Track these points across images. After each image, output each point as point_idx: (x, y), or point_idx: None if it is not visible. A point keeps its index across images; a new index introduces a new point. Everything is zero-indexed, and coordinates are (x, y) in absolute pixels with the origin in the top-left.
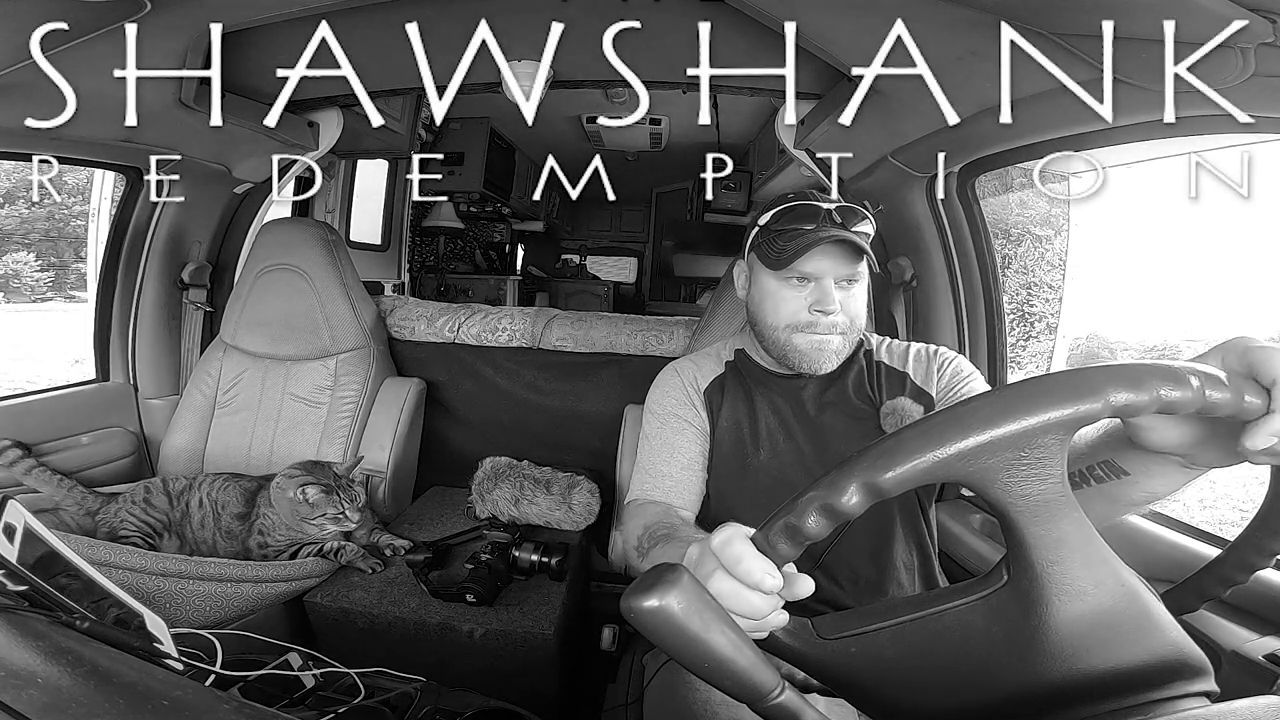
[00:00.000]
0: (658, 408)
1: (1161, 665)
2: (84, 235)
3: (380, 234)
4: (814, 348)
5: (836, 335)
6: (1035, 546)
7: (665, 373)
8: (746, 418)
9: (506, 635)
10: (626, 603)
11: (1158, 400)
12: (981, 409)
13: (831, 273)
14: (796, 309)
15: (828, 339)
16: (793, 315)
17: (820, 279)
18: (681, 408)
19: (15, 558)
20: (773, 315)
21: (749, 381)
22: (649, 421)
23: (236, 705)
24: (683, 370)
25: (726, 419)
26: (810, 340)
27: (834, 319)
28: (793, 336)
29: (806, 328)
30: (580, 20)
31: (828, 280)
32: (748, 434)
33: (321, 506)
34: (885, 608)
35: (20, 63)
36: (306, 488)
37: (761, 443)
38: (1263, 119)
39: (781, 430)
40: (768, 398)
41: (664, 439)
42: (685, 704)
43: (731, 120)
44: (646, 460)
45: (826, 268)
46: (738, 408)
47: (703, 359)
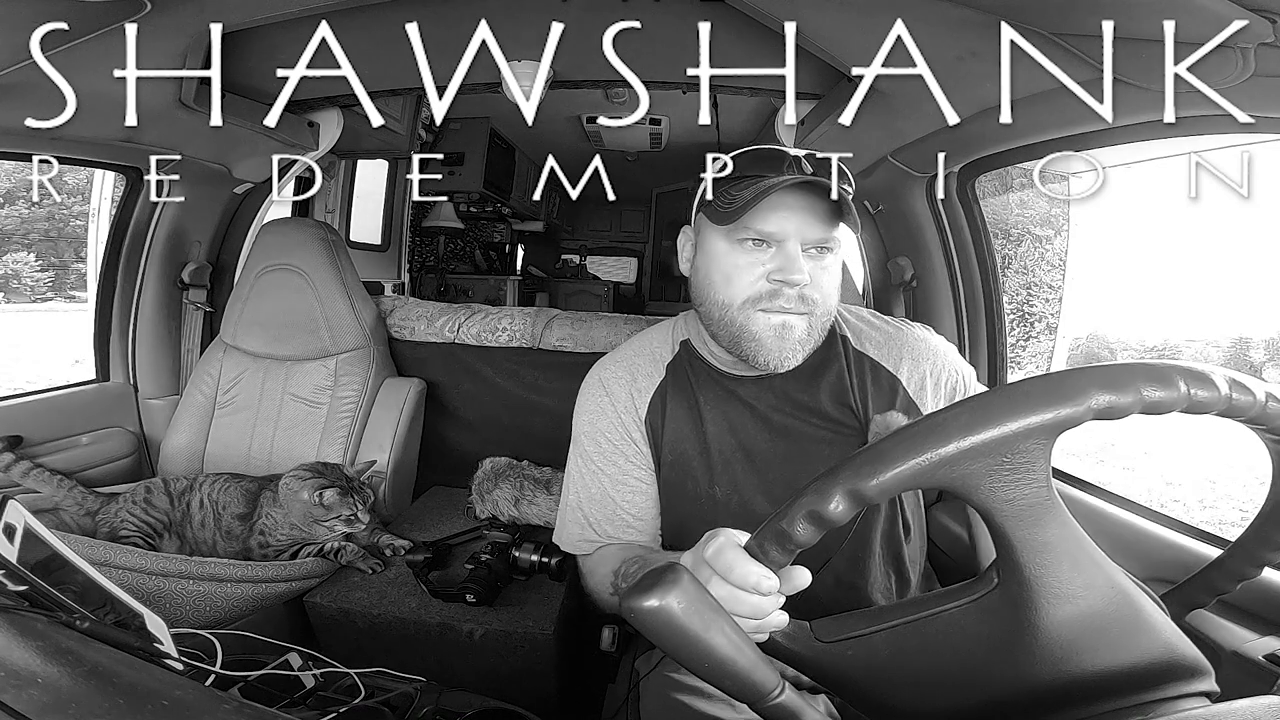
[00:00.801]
0: (589, 441)
1: (1156, 666)
2: (84, 235)
3: (380, 234)
4: (775, 334)
5: (802, 316)
6: (1022, 550)
7: (592, 387)
8: (694, 445)
9: (506, 635)
10: (627, 603)
11: (1141, 401)
12: (962, 415)
13: (798, 234)
14: (753, 279)
15: (791, 321)
16: (749, 287)
17: (784, 241)
18: (620, 439)
19: (15, 558)
20: (723, 289)
21: (695, 389)
22: (581, 456)
23: (236, 705)
24: (613, 389)
25: (670, 449)
26: (770, 323)
27: (801, 292)
28: (750, 317)
29: (766, 301)
30: (580, 20)
31: (793, 243)
32: (698, 466)
33: (337, 509)
34: (882, 611)
35: (20, 63)
36: (324, 490)
37: (716, 475)
38: (1263, 119)
39: (739, 456)
40: (720, 409)
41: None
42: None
43: (731, 120)
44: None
45: (791, 227)
46: (683, 431)
47: (638, 364)
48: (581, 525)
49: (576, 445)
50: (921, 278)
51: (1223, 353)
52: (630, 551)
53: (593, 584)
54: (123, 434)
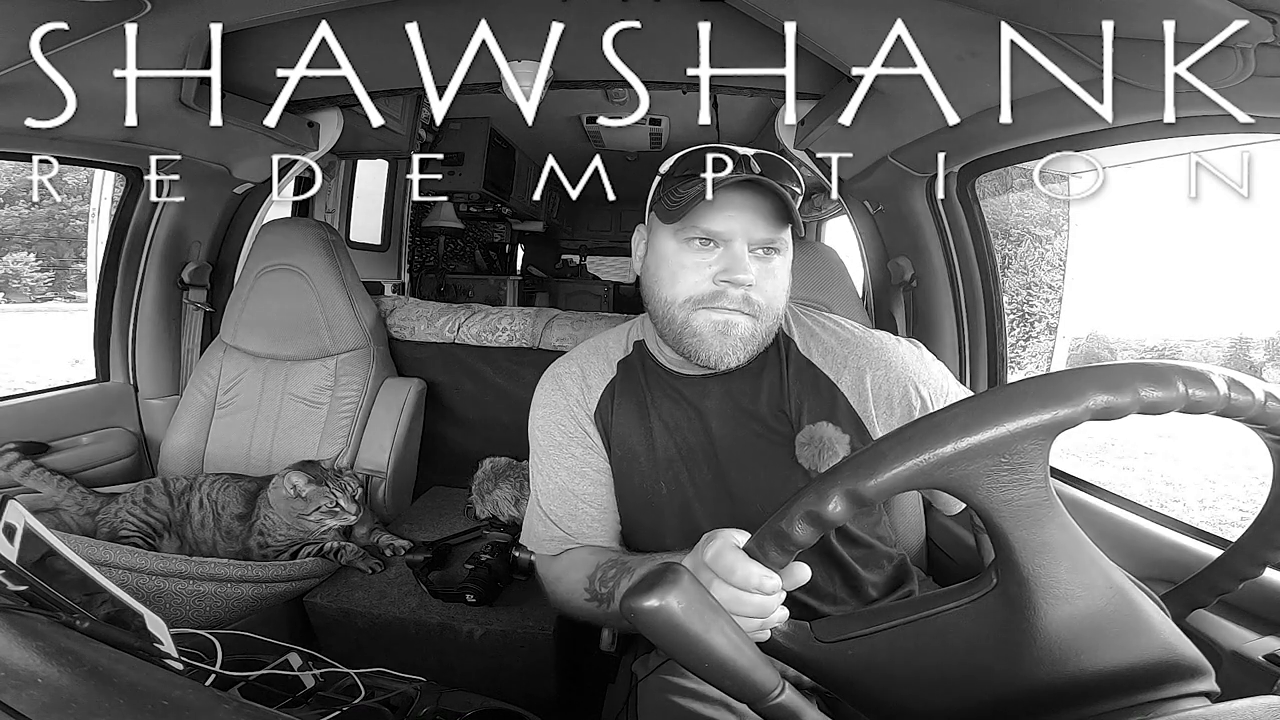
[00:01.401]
0: (544, 435)
1: (1155, 666)
2: (84, 235)
3: (380, 234)
4: (716, 331)
5: (745, 316)
6: (1021, 550)
7: (546, 382)
8: (641, 442)
9: (506, 635)
10: (627, 603)
11: (1139, 401)
12: (960, 416)
13: (744, 234)
14: (699, 279)
15: (734, 320)
16: (694, 287)
17: (730, 241)
18: (574, 432)
19: (15, 558)
20: (669, 286)
21: (644, 388)
22: (538, 451)
23: (236, 705)
24: (565, 382)
25: (619, 445)
26: (712, 320)
27: (746, 293)
28: (692, 315)
29: (709, 301)
30: (580, 20)
31: (739, 243)
32: (644, 463)
33: (314, 499)
34: (882, 611)
35: (20, 63)
36: (294, 477)
37: (661, 473)
38: (1263, 119)
39: (680, 456)
40: (665, 409)
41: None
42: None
43: (731, 120)
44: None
45: (738, 227)
46: (629, 428)
47: (590, 360)
48: (545, 523)
49: (534, 443)
50: (921, 278)
51: (1222, 353)
52: (602, 555)
53: (561, 590)
54: (123, 434)
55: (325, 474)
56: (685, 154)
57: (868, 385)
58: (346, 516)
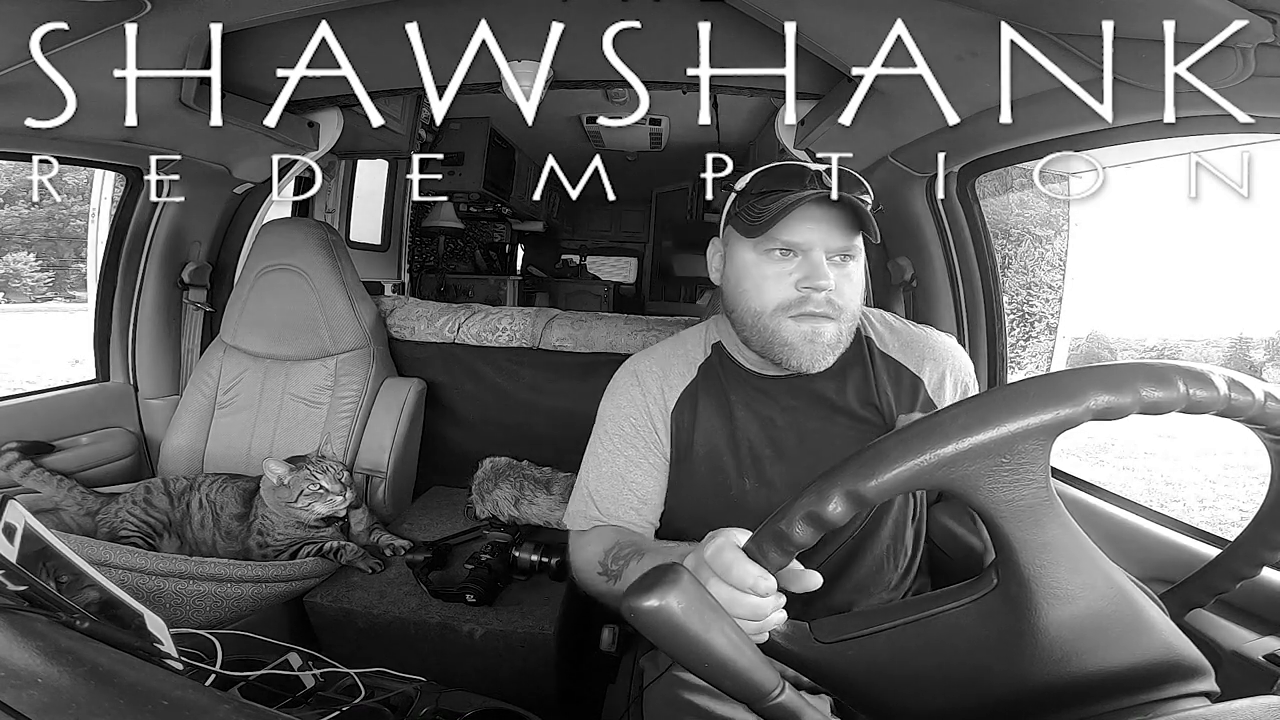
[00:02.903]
0: (613, 424)
1: (1155, 666)
2: (84, 235)
3: (380, 234)
4: (805, 338)
5: (830, 321)
6: (1021, 551)
7: (624, 377)
8: (725, 440)
9: (506, 635)
10: (627, 602)
11: (1140, 401)
12: (960, 416)
13: (822, 244)
14: (782, 287)
15: (821, 325)
16: (778, 295)
17: (809, 251)
18: (643, 429)
19: (15, 558)
20: (754, 297)
21: (727, 388)
22: (603, 436)
23: (236, 705)
24: (645, 380)
25: (701, 443)
26: (800, 329)
27: (828, 296)
28: (781, 324)
29: (796, 308)
30: (580, 20)
31: (817, 252)
32: (728, 461)
33: (296, 484)
34: (881, 612)
35: (20, 63)
36: (273, 465)
37: (745, 470)
38: (1263, 119)
39: (770, 450)
40: (751, 409)
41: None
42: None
43: (731, 120)
44: (599, 485)
45: (816, 238)
46: (714, 427)
47: (671, 362)
48: (586, 501)
49: (600, 427)
50: (921, 278)
51: (1222, 352)
52: (625, 536)
53: (579, 560)
54: (123, 434)
55: (305, 460)
56: (760, 171)
57: (944, 379)
58: (334, 499)
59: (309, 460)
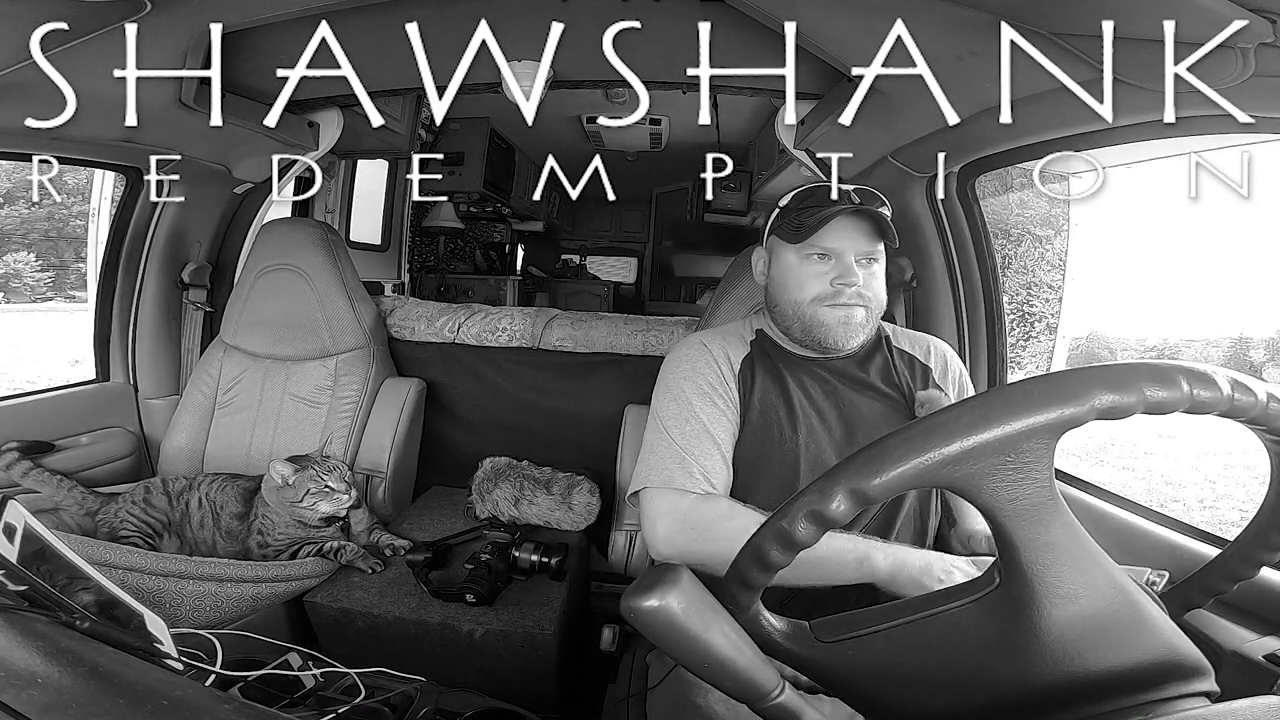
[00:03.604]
0: (688, 383)
1: (1157, 666)
2: (84, 235)
3: (380, 234)
4: (839, 321)
5: (860, 307)
6: (1024, 550)
7: (690, 346)
8: (780, 397)
9: (506, 635)
10: (627, 602)
11: (1144, 401)
12: (965, 415)
13: (852, 249)
14: (820, 283)
15: (852, 310)
16: (817, 289)
17: (841, 254)
18: (718, 384)
19: (15, 558)
20: (796, 291)
21: (775, 361)
22: (680, 398)
23: (236, 705)
24: (712, 345)
25: (760, 398)
26: (835, 314)
27: (858, 289)
28: (819, 310)
29: (832, 299)
30: (580, 20)
31: (848, 255)
32: (784, 414)
33: (302, 484)
34: (882, 611)
35: (20, 63)
36: (279, 466)
37: (799, 423)
38: (1263, 119)
39: (814, 411)
40: (796, 378)
41: (709, 416)
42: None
43: (731, 120)
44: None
45: (847, 244)
46: (770, 387)
47: (729, 335)
48: (678, 459)
49: (671, 389)
50: (921, 278)
51: (1222, 353)
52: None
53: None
54: (123, 434)
55: (309, 460)
56: (798, 191)
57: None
58: (339, 498)
59: (314, 460)
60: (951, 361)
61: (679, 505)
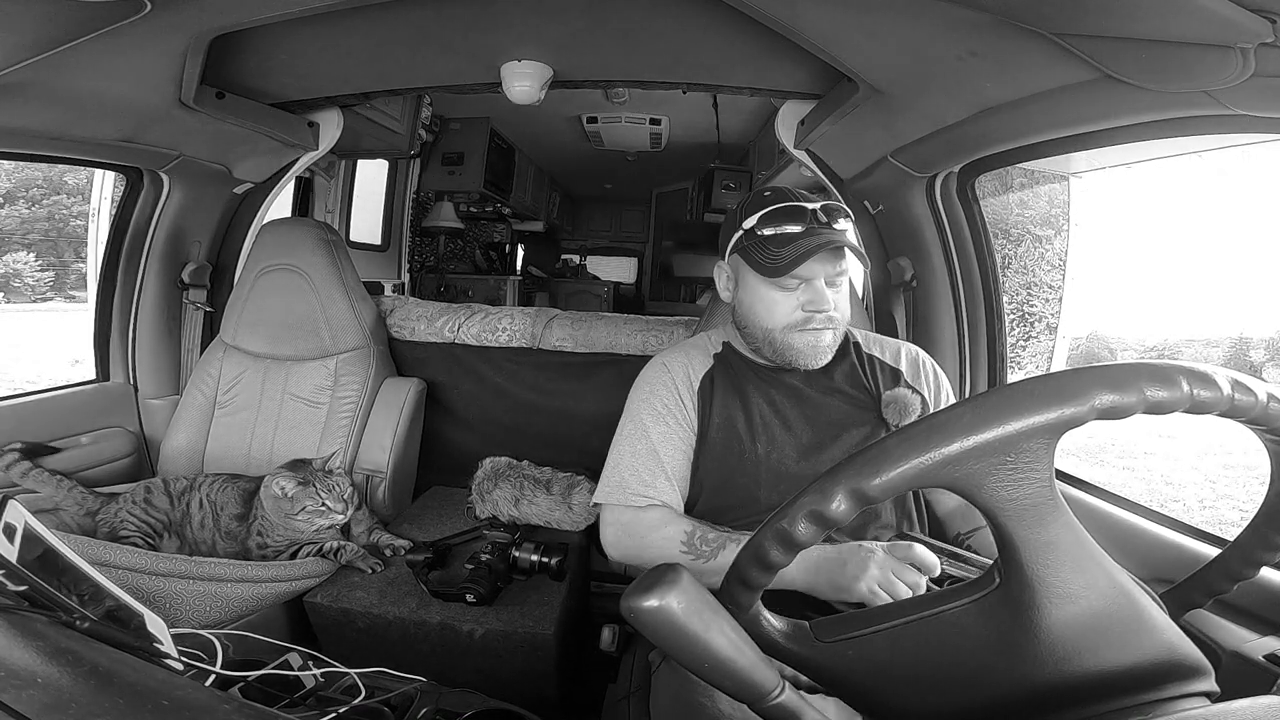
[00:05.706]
0: (645, 406)
1: (1157, 666)
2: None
3: (380, 234)
4: (809, 345)
5: (829, 330)
6: (1024, 550)
7: (654, 368)
8: (740, 411)
9: (506, 635)
10: (627, 602)
11: (1145, 401)
12: (965, 415)
13: (822, 274)
14: (790, 310)
15: (822, 334)
16: (787, 316)
17: (812, 280)
18: (674, 406)
19: (15, 558)
20: (767, 318)
21: (738, 375)
22: (635, 418)
23: (237, 705)
24: (673, 365)
25: (720, 414)
26: (806, 338)
27: (828, 314)
28: (789, 336)
29: (802, 325)
30: (580, 20)
31: (819, 281)
32: (743, 428)
33: (300, 500)
34: (882, 611)
35: (20, 63)
36: (281, 480)
37: (758, 436)
38: (1263, 119)
39: (777, 421)
40: (760, 390)
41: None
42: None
43: (731, 120)
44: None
45: (817, 270)
46: (730, 401)
47: (692, 351)
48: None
49: (630, 413)
50: (921, 278)
51: (1222, 353)
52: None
53: (654, 539)
54: (123, 434)
55: (314, 475)
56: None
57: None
58: (334, 516)
59: (316, 473)
60: (925, 364)
61: (621, 517)
